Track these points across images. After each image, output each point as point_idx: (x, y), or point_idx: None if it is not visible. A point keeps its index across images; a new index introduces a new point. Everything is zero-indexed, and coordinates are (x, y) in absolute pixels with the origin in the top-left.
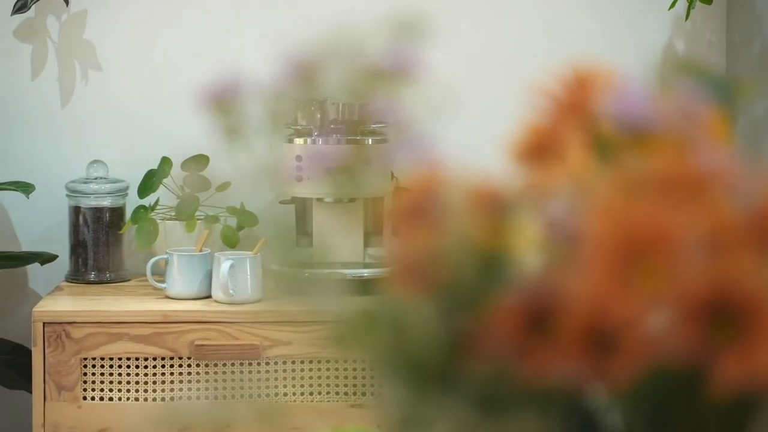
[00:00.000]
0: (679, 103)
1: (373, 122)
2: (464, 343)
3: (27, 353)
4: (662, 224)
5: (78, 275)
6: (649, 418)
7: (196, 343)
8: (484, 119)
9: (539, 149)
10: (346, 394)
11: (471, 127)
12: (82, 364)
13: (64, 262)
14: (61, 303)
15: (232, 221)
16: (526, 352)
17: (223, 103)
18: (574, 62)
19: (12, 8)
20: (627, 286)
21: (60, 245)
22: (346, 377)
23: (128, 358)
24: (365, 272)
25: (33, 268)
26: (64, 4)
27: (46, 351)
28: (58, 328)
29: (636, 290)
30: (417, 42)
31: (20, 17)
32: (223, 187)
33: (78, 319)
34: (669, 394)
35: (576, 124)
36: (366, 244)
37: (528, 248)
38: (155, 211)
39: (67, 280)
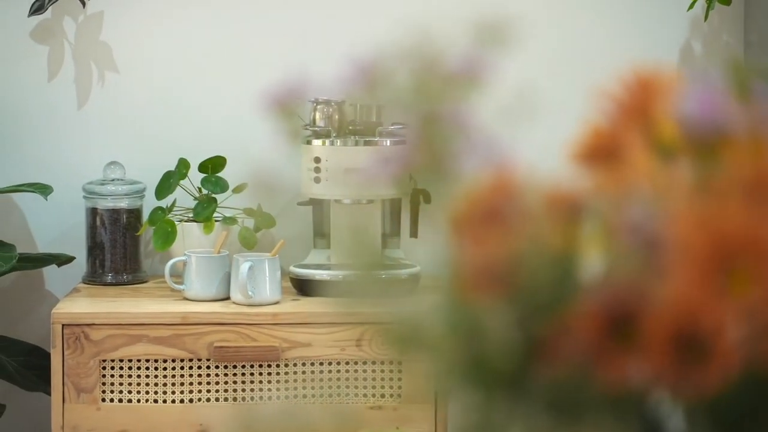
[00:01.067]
0: (756, 106)
1: (393, 124)
2: (540, 348)
3: (44, 355)
4: (753, 229)
5: (95, 277)
6: (733, 425)
7: (216, 344)
8: (562, 123)
9: (601, 152)
10: (365, 396)
11: (550, 130)
12: (101, 366)
13: (79, 264)
14: (80, 305)
15: (249, 222)
16: (606, 356)
17: (287, 106)
18: (637, 65)
19: (29, 10)
20: (718, 291)
21: (76, 247)
22: (365, 379)
23: (147, 360)
24: (382, 274)
25: (49, 270)
26: (81, 5)
27: (65, 353)
28: (77, 330)
29: (727, 296)
30: (498, 46)
31: (36, 18)
32: (240, 188)
33: (97, 321)
34: (758, 401)
35: (638, 126)
36: (384, 246)
37: (605, 252)
38: (172, 212)
39: (83, 282)
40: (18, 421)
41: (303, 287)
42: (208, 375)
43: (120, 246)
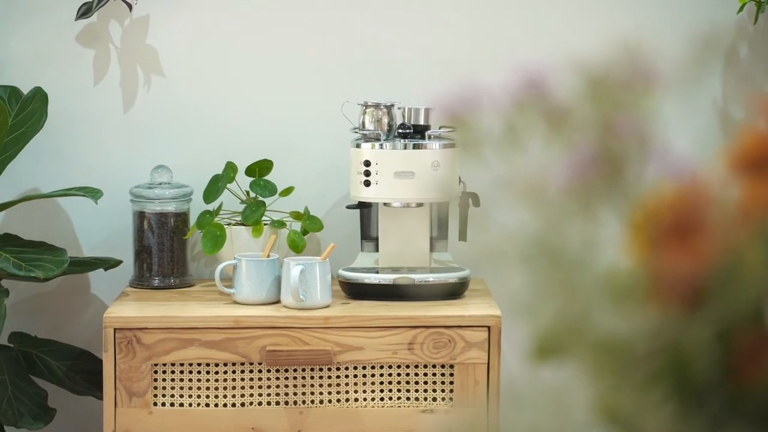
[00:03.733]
0: None
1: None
2: (738, 360)
3: (93, 359)
4: None
5: (142, 280)
6: None
7: (268, 348)
8: None
9: (761, 160)
10: (417, 399)
11: None
12: (153, 370)
13: (124, 268)
14: (130, 308)
15: (296, 226)
16: None
17: (462, 116)
18: None
19: (76, 13)
20: None
21: (122, 250)
22: (417, 383)
23: (199, 364)
24: (431, 277)
25: (94, 274)
26: (127, 9)
27: (117, 357)
28: (129, 334)
29: None
30: (709, 58)
31: (83, 22)
32: (288, 191)
33: (149, 325)
34: None
35: None
36: (432, 249)
37: None
38: (218, 216)
39: (131, 286)
40: (68, 426)
41: (352, 291)
42: (260, 379)
43: (167, 249)
